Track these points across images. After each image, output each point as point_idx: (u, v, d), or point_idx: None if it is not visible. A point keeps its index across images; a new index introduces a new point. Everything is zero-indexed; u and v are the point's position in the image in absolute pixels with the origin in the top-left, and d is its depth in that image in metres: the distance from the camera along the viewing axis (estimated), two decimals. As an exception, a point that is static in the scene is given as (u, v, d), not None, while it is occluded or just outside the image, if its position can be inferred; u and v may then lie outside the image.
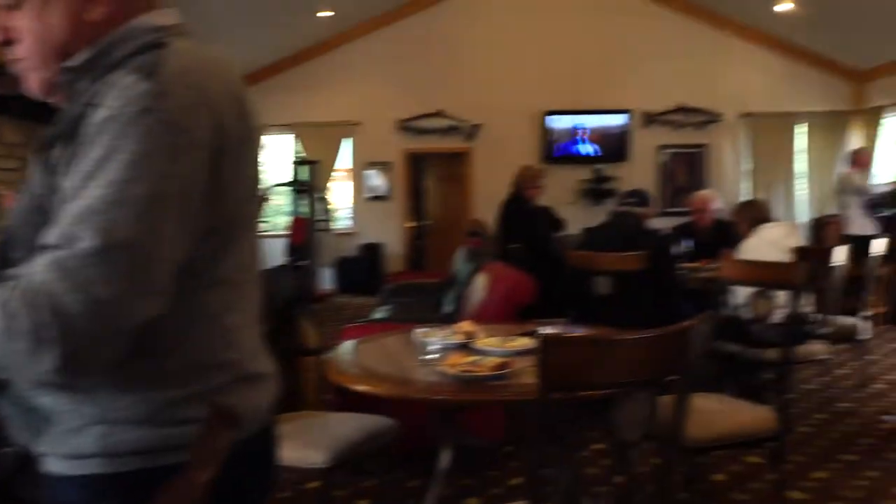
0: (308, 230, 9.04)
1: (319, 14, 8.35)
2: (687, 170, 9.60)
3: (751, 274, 3.00)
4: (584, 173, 9.37)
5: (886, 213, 7.60)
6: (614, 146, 9.36)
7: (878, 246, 4.97)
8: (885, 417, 4.34)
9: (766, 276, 2.93)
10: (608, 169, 9.36)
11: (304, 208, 9.28)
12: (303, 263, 8.83)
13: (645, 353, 1.42)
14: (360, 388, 2.17)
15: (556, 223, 5.85)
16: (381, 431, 2.58)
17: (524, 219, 5.35)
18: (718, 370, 4.10)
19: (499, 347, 2.42)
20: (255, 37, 8.44)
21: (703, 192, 5.53)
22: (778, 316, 3.13)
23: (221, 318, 1.03)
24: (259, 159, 1.09)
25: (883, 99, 9.09)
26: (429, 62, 9.42)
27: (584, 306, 4.11)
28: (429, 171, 10.24)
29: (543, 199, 8.57)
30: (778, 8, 8.29)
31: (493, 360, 2.20)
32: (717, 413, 2.73)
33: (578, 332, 3.30)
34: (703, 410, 2.74)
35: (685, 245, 4.97)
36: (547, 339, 1.34)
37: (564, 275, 4.26)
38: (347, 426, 2.56)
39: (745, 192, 9.46)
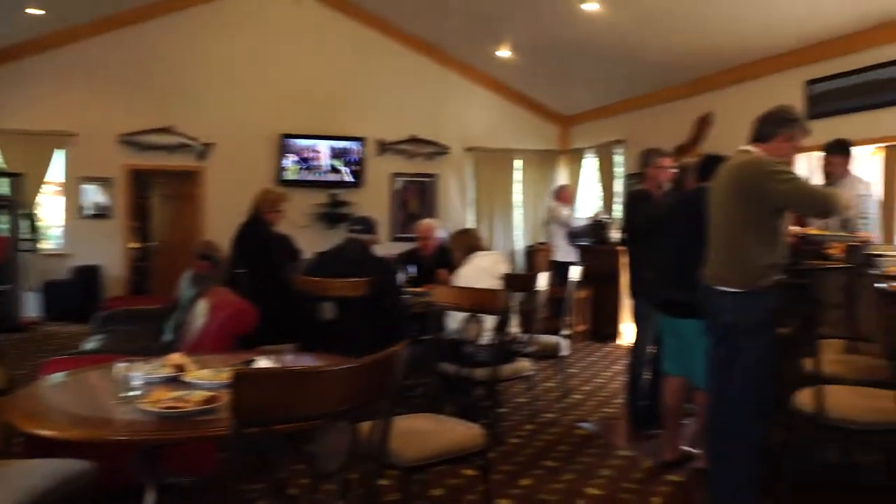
0: (9, 250, 8.01)
1: (29, 11, 7.50)
2: (418, 198, 10.07)
3: (461, 299, 3.21)
4: (319, 197, 9.42)
5: (585, 242, 8.62)
6: (350, 172, 9.54)
7: (577, 272, 5.60)
8: (581, 425, 4.87)
9: (474, 301, 3.15)
10: (344, 194, 9.51)
11: (4, 225, 8.21)
12: (3, 288, 7.81)
13: (345, 383, 1.45)
14: (47, 432, 1.95)
15: (294, 253, 5.78)
16: (76, 476, 2.34)
17: (260, 244, 5.21)
18: (438, 390, 4.33)
19: (209, 380, 2.32)
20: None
21: (427, 221, 5.82)
22: (488, 338, 3.38)
23: None
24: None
25: (584, 142, 10.34)
26: (158, 75, 8.88)
27: (311, 332, 4.10)
28: (155, 189, 9.61)
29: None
30: (499, 53, 9.09)
31: (200, 395, 2.11)
32: (431, 432, 2.86)
33: (304, 359, 3.29)
34: (418, 431, 2.87)
35: (410, 271, 5.19)
36: (238, 375, 1.31)
37: (292, 300, 4.23)
38: (34, 475, 2.29)
39: (470, 221, 10.16)
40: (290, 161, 9.27)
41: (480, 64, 9.89)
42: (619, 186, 9.31)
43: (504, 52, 9.02)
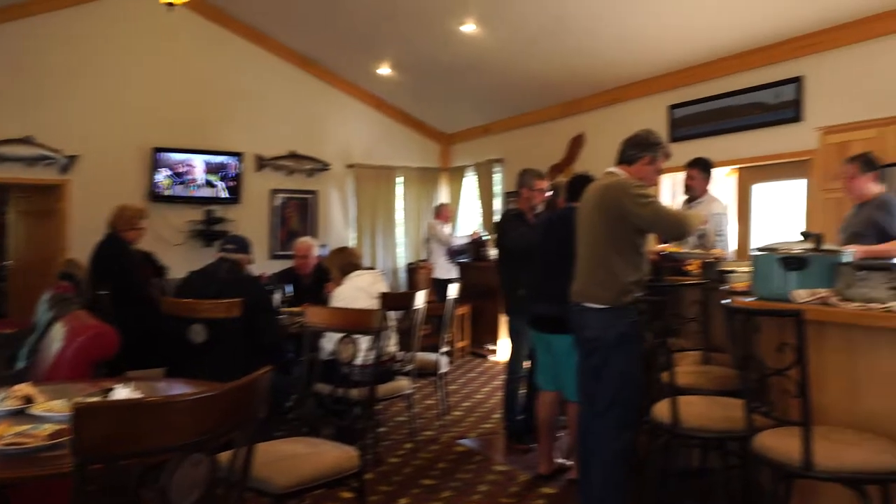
0: None
1: None
2: (299, 214, 9.90)
3: (334, 320, 3.17)
4: (194, 214, 9.06)
5: (465, 259, 8.75)
6: (227, 187, 9.25)
7: (455, 289, 5.66)
8: (461, 441, 4.91)
9: (347, 321, 3.12)
10: (221, 210, 9.20)
11: None
12: None
13: (199, 413, 1.39)
14: None
15: (158, 270, 5.52)
16: None
17: (118, 263, 4.93)
18: (315, 412, 4.25)
19: (59, 412, 2.17)
20: None
21: (305, 239, 5.73)
22: (366, 357, 3.35)
23: None
24: None
25: (465, 160, 10.51)
26: (14, 81, 8.29)
27: (180, 356, 3.93)
28: (12, 204, 8.95)
29: (149, 240, 8.07)
30: (380, 71, 9.11)
31: (48, 428, 1.97)
32: (305, 456, 2.80)
33: (173, 385, 3.15)
34: (291, 455, 2.80)
35: (287, 290, 5.08)
36: (79, 409, 1.23)
37: (160, 323, 4.03)
38: None
39: (352, 238, 10.09)
40: (162, 175, 8.88)
41: (362, 81, 9.88)
42: (498, 204, 9.52)
43: (385, 70, 9.06)
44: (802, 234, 2.53)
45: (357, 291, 4.32)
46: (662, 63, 7.00)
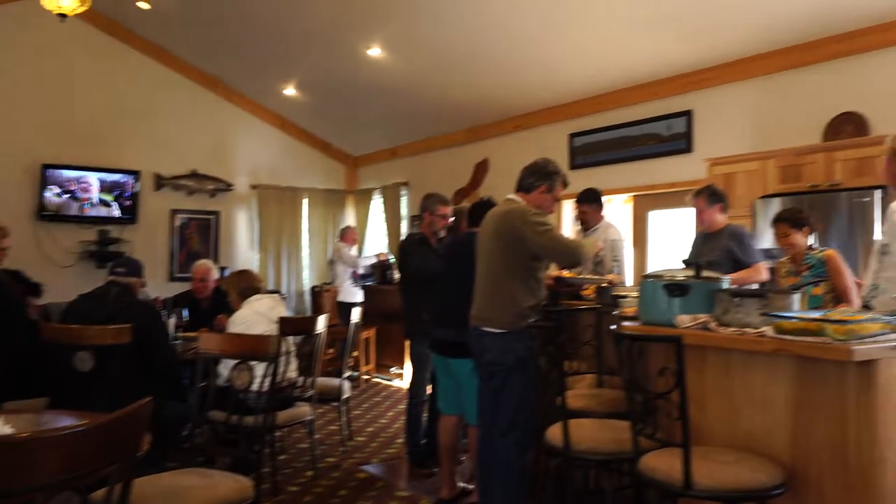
0: None
1: None
2: (201, 236, 9.62)
3: (229, 346, 3.09)
4: (88, 234, 8.66)
5: (371, 282, 8.71)
6: (123, 206, 8.88)
7: (358, 313, 5.63)
8: (363, 468, 4.85)
9: (242, 347, 3.05)
10: (116, 230, 8.83)
11: None
12: None
13: (66, 449, 1.32)
14: None
15: (32, 288, 5.19)
16: None
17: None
18: (211, 442, 4.11)
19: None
20: None
21: (203, 262, 5.56)
22: (263, 384, 3.27)
23: None
24: None
25: (371, 182, 10.50)
26: None
27: (66, 385, 3.72)
28: None
29: (36, 261, 7.66)
30: (286, 91, 9.02)
31: None
32: (195, 489, 2.70)
33: (56, 417, 2.97)
34: (180, 488, 2.69)
35: (183, 315, 4.91)
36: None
37: (42, 348, 3.81)
38: None
39: (256, 261, 9.87)
40: (52, 193, 8.45)
41: (267, 100, 9.74)
42: (405, 227, 9.55)
43: (290, 91, 8.98)
44: (684, 261, 2.65)
45: (256, 315, 4.23)
46: (565, 92, 7.24)
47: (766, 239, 5.18)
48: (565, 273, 4.20)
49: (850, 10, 5.08)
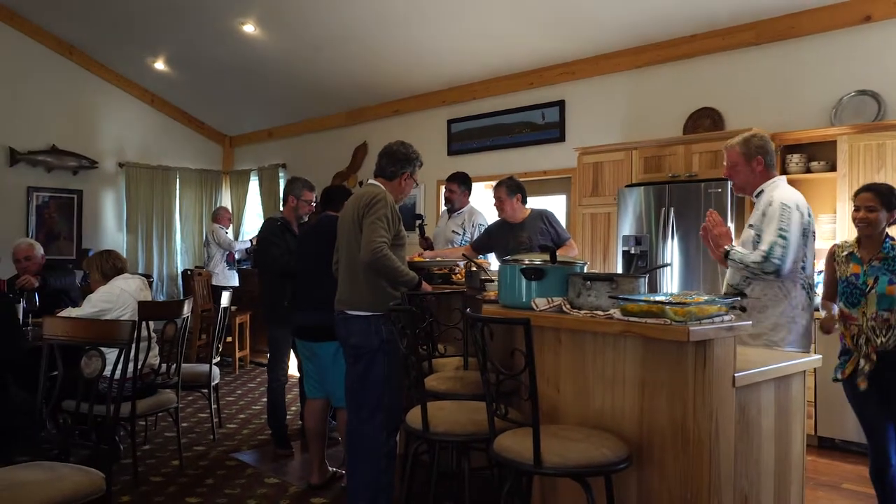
0: None
1: None
2: (63, 216, 9.05)
3: (78, 332, 2.93)
4: (-70, 212, 7.97)
5: (245, 266, 8.48)
6: (-28, 184, 8.23)
7: (228, 297, 5.46)
8: (233, 455, 4.73)
9: (93, 334, 2.89)
10: (-36, 209, 8.18)
11: None
12: None
13: None
14: None
15: None
16: None
17: None
18: (62, 433, 3.89)
19: None
20: None
21: (22, 240, 5.18)
22: (116, 371, 3.11)
23: None
24: None
25: (249, 163, 10.21)
26: None
27: None
28: None
29: None
30: (156, 66, 8.60)
31: None
32: (33, 484, 2.55)
33: None
34: (22, 483, 2.53)
35: (36, 299, 4.61)
36: None
37: None
38: None
39: (125, 243, 9.41)
40: None
41: (135, 75, 9.24)
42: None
43: (160, 65, 8.56)
44: (540, 246, 2.73)
45: (125, 294, 4.03)
46: (442, 78, 7.28)
47: (626, 225, 5.45)
48: (416, 258, 4.28)
49: (710, 11, 5.38)
